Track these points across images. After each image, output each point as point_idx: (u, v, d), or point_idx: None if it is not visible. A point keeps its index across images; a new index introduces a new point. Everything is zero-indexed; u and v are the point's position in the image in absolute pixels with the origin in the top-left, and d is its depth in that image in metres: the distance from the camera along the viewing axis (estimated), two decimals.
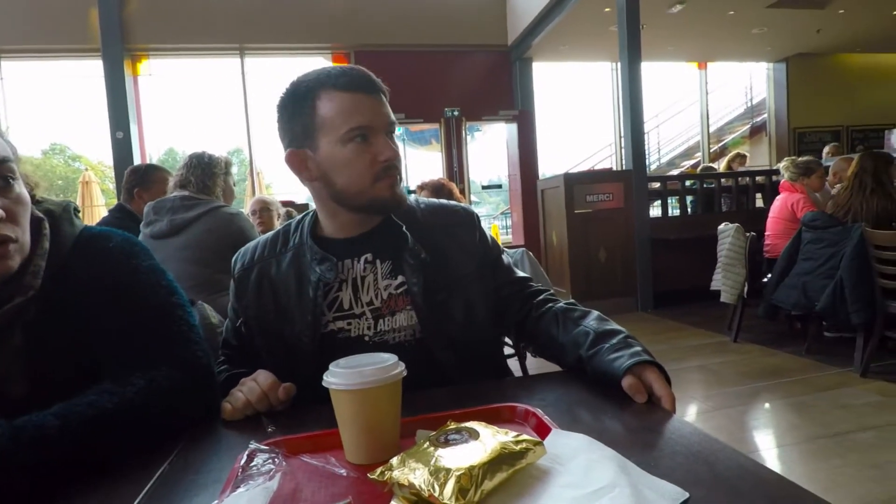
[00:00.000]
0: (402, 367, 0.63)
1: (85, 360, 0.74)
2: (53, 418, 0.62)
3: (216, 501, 0.50)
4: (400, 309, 0.93)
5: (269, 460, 0.56)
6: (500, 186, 8.53)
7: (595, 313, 0.92)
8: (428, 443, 0.55)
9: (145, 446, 0.69)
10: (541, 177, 6.97)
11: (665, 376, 0.75)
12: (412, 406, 0.70)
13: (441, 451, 0.52)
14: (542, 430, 0.64)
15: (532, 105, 7.37)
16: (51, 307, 0.74)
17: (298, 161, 0.91)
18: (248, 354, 0.99)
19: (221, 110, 7.37)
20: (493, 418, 0.68)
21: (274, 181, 8.16)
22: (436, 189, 2.76)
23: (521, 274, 1.06)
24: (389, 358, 0.64)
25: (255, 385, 0.80)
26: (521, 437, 0.54)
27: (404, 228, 0.95)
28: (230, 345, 1.03)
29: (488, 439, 0.54)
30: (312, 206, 1.00)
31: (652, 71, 8.50)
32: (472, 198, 8.05)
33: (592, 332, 0.85)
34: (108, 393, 0.68)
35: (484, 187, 8.87)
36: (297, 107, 0.90)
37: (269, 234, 1.03)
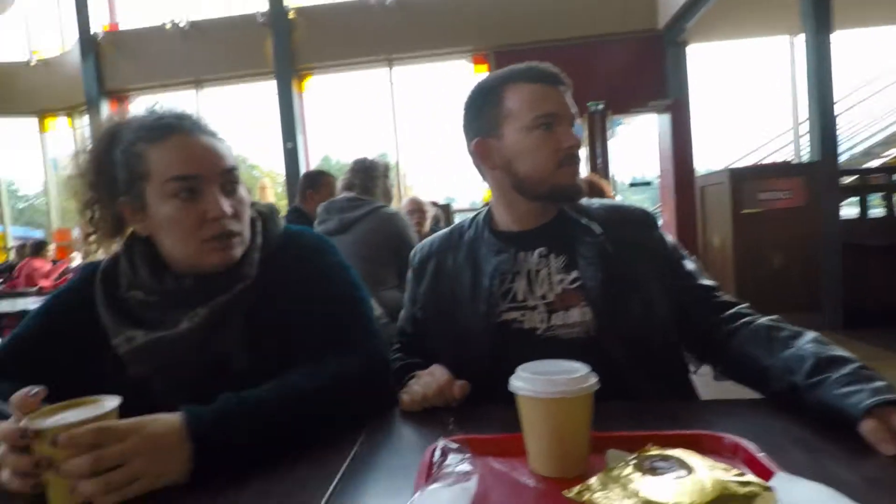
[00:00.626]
0: (595, 378, 0.59)
1: (292, 342, 0.82)
2: (269, 393, 0.70)
3: (419, 492, 0.51)
4: (574, 305, 0.91)
5: (464, 461, 0.55)
6: (648, 184, 7.96)
7: (811, 334, 0.78)
8: (631, 468, 0.50)
9: (333, 429, 0.74)
10: (697, 172, 6.36)
11: None
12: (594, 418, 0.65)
13: (648, 480, 0.47)
14: (758, 470, 0.54)
15: (686, 93, 6.74)
16: (263, 294, 0.84)
17: (484, 150, 0.97)
18: (421, 343, 1.03)
19: (370, 118, 7.93)
20: (694, 446, 0.60)
21: (415, 183, 8.57)
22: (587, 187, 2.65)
23: (707, 281, 0.96)
24: (580, 367, 0.60)
25: (431, 380, 0.82)
26: (746, 478, 0.46)
27: (584, 221, 0.95)
28: (405, 332, 1.08)
29: (703, 473, 0.47)
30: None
31: (844, 41, 7.25)
32: (617, 197, 7.62)
33: (812, 356, 0.72)
34: (307, 376, 0.75)
35: (631, 185, 8.36)
36: (485, 100, 0.96)
37: (445, 229, 1.09)
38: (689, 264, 0.98)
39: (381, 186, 2.27)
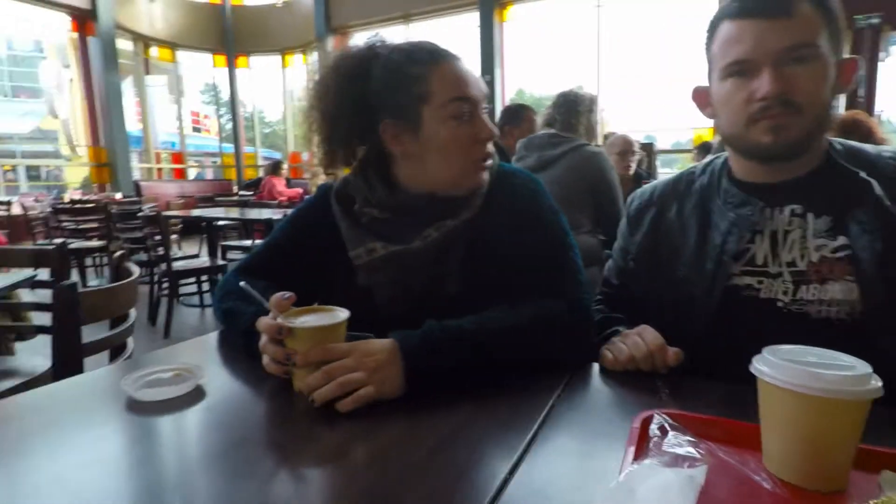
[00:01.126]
0: (879, 382, 0.46)
1: (504, 277, 0.83)
2: (469, 324, 0.73)
3: (636, 464, 0.47)
4: (836, 278, 0.75)
5: (688, 444, 0.49)
6: None
7: None
8: None
9: (530, 369, 0.74)
10: None
11: None
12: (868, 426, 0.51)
13: None
14: None
15: None
16: (481, 226, 0.86)
17: (700, 98, 0.86)
18: (628, 298, 0.95)
19: (571, 50, 7.45)
20: None
21: (614, 119, 7.93)
22: (845, 127, 2.12)
23: None
24: (857, 364, 0.47)
25: (640, 341, 0.75)
26: None
27: (862, 175, 0.75)
28: (611, 283, 1.01)
29: None
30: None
31: None
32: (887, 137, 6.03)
33: None
34: (507, 312, 0.76)
35: None
36: (706, 40, 0.83)
37: (671, 176, 0.95)
38: None
39: (584, 123, 2.13)
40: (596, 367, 0.78)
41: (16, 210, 6.11)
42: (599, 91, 7.13)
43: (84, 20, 8.21)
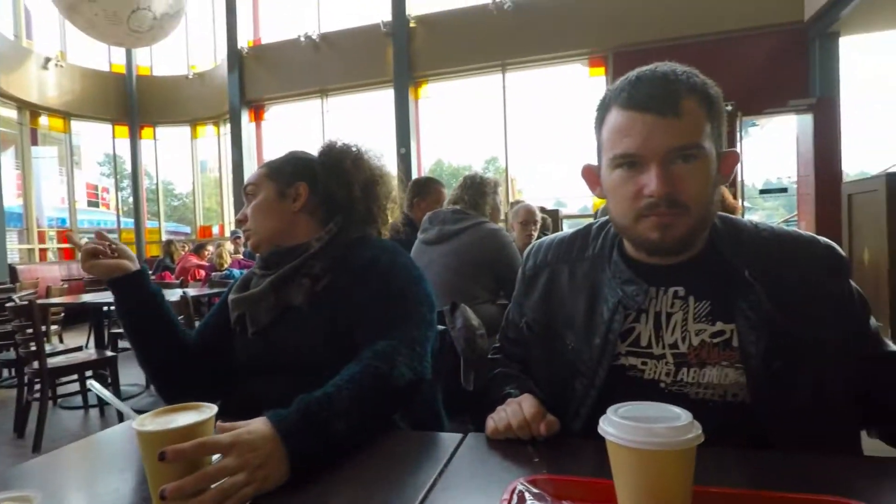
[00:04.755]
0: (698, 429, 0.53)
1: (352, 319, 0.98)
2: (331, 388, 0.79)
3: None
4: (713, 363, 0.77)
5: None
6: (784, 190, 7.13)
7: None
8: None
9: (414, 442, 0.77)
10: (845, 178, 5.56)
11: None
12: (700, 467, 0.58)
13: None
14: None
15: (836, 91, 5.93)
16: (334, 270, 1.03)
17: (590, 177, 0.88)
18: (524, 351, 0.97)
19: (482, 122, 8.00)
20: None
21: (525, 187, 8.48)
22: None
23: (891, 345, 0.81)
24: (682, 415, 0.54)
25: (518, 410, 0.79)
26: None
27: (747, 274, 0.77)
28: (507, 337, 1.03)
29: None
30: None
31: None
32: (745, 204, 6.93)
33: None
34: (376, 360, 0.86)
35: (762, 191, 7.54)
36: (595, 120, 0.84)
37: (566, 234, 0.97)
38: (874, 323, 0.81)
39: (490, 203, 2.28)
40: (481, 437, 0.80)
41: None
42: (508, 160, 7.64)
43: None
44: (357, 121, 8.74)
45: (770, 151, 7.14)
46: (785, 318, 0.74)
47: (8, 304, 3.24)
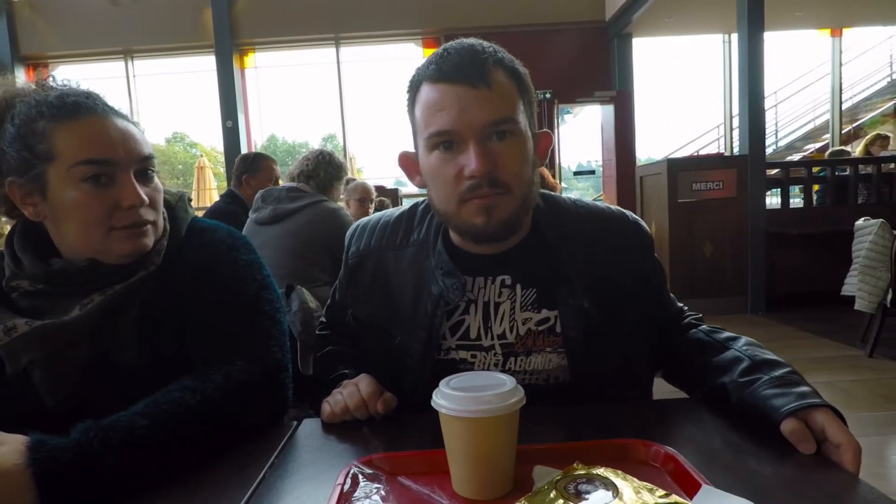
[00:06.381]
0: (521, 393, 0.56)
1: (187, 341, 0.77)
2: (141, 418, 0.63)
3: None
4: (538, 350, 0.80)
5: (375, 490, 0.51)
6: (592, 172, 8.15)
7: (745, 338, 0.79)
8: (555, 491, 0.47)
9: (221, 443, 0.69)
10: (638, 162, 6.55)
11: (841, 419, 0.62)
12: (521, 427, 0.61)
13: None
14: (685, 481, 0.54)
15: (631, 85, 6.92)
16: (164, 287, 0.79)
17: (408, 165, 0.83)
18: (353, 333, 0.94)
19: (318, 98, 7.68)
20: (622, 456, 0.59)
21: (365, 165, 8.41)
22: None
23: (679, 304, 0.93)
24: (507, 381, 0.57)
25: (355, 390, 0.76)
26: (671, 499, 0.45)
27: (565, 256, 0.80)
28: (335, 316, 0.98)
29: (629, 496, 0.45)
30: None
31: (771, 43, 7.66)
32: (562, 184, 7.77)
33: (747, 359, 0.73)
34: (189, 390, 0.69)
35: (575, 173, 8.52)
36: (408, 101, 0.79)
37: (391, 215, 0.91)
38: (666, 286, 0.91)
39: (328, 181, 2.17)
40: (317, 422, 0.77)
41: None
42: (347, 138, 7.46)
43: None
44: (176, 88, 7.75)
45: (582, 137, 8.09)
46: (599, 300, 0.79)
47: None
